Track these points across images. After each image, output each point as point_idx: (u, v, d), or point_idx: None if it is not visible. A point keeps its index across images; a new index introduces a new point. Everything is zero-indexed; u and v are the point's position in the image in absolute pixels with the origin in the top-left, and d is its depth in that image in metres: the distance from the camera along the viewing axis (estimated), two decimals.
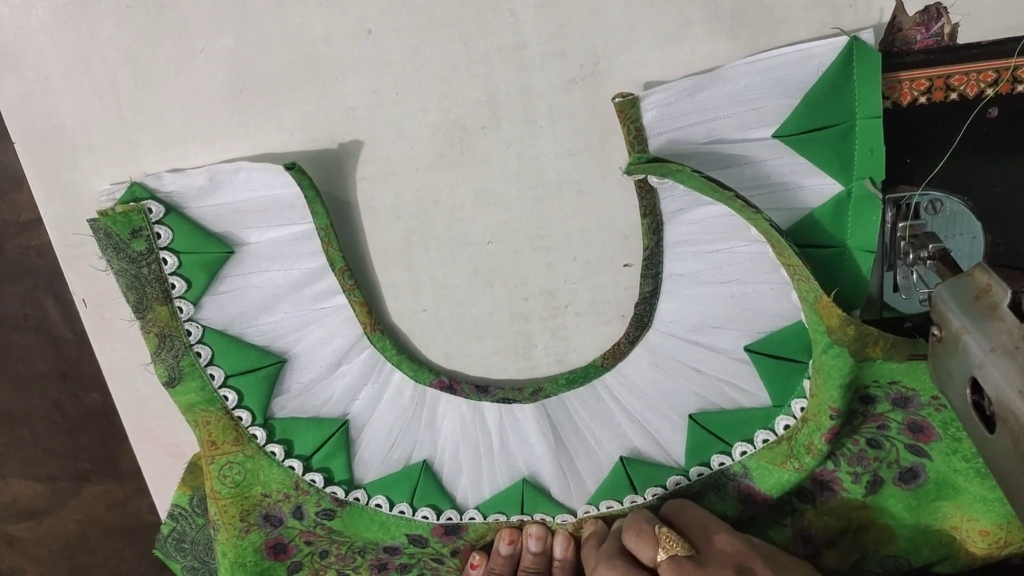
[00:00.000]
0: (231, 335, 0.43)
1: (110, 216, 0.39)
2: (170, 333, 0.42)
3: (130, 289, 0.41)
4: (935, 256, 0.37)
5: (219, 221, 0.41)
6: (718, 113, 0.37)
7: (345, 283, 0.41)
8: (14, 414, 0.53)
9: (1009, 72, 0.37)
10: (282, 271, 0.42)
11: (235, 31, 0.39)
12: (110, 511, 0.56)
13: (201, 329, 0.42)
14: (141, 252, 0.40)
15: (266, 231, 0.41)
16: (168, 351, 0.42)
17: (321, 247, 0.41)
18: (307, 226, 0.41)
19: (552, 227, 0.42)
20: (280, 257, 0.42)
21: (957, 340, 0.32)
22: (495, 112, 0.40)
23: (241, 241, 0.42)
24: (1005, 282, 0.31)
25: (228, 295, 0.42)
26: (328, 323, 0.43)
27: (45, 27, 0.39)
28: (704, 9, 0.37)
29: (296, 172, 0.38)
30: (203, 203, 0.41)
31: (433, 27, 0.39)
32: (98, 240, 0.40)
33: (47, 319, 0.50)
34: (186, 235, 0.41)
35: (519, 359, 0.45)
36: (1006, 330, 0.30)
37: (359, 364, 0.43)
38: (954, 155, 0.38)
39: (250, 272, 0.42)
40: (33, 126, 0.41)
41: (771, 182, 0.38)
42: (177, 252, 0.41)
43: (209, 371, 0.43)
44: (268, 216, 0.41)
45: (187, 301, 0.42)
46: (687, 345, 0.42)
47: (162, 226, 0.40)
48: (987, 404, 0.31)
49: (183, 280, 0.41)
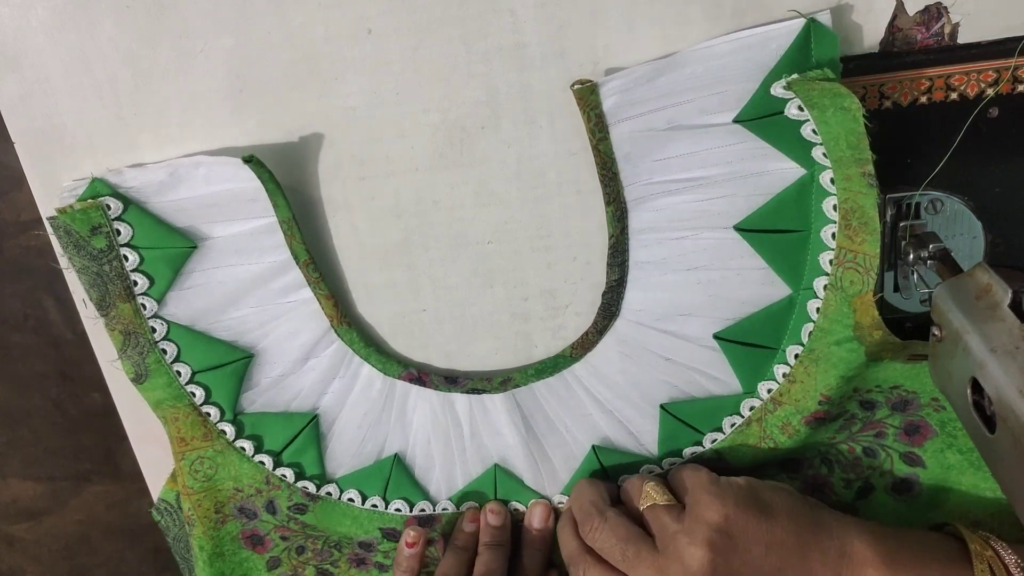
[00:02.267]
0: (198, 330, 0.43)
1: (69, 214, 0.39)
2: (134, 330, 0.42)
3: (92, 287, 0.41)
4: (935, 256, 0.37)
5: (181, 216, 0.41)
6: (679, 99, 0.37)
7: (310, 276, 0.41)
8: (14, 414, 0.53)
9: (1009, 72, 0.37)
10: (247, 265, 0.42)
11: (235, 31, 0.39)
12: (110, 511, 0.56)
13: (166, 325, 0.42)
14: (101, 249, 0.40)
15: (229, 225, 0.41)
16: (133, 348, 0.42)
17: (285, 240, 0.41)
18: (270, 220, 0.40)
19: (552, 227, 0.42)
20: (244, 251, 0.41)
21: (958, 340, 0.32)
22: (495, 112, 0.40)
23: (204, 236, 0.41)
24: (1005, 282, 0.31)
25: (193, 290, 0.42)
26: (295, 317, 0.43)
27: (45, 27, 0.39)
28: (704, 9, 0.37)
29: (255, 165, 0.38)
30: (165, 198, 0.41)
31: (433, 27, 0.39)
32: (59, 238, 0.40)
33: (47, 319, 0.50)
34: (148, 231, 0.40)
35: (519, 359, 0.45)
36: (1006, 330, 0.30)
37: (327, 357, 0.43)
38: (954, 155, 0.38)
39: (215, 267, 0.42)
40: (33, 126, 0.41)
41: (733, 167, 0.38)
42: (139, 248, 0.41)
43: (176, 367, 0.43)
44: (230, 210, 0.41)
45: (150, 298, 0.41)
46: (656, 333, 0.41)
47: (121, 223, 0.40)
48: (988, 404, 0.31)
49: (145, 277, 0.41)
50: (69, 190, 0.40)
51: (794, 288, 0.39)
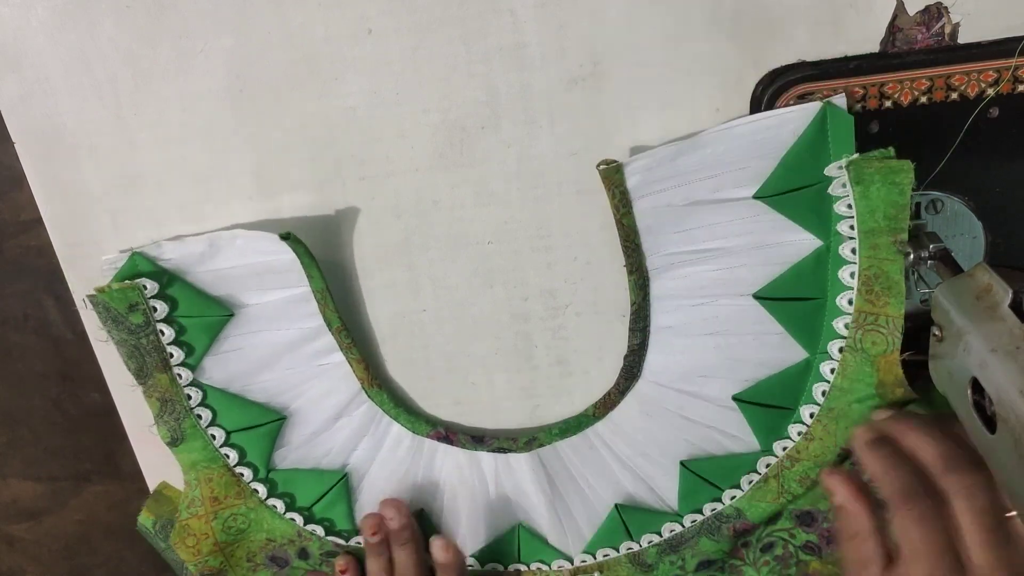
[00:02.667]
0: (232, 392, 0.44)
1: (107, 293, 0.41)
2: (171, 398, 0.43)
3: (130, 358, 0.42)
4: (936, 256, 0.37)
5: (219, 284, 0.42)
6: (699, 176, 0.39)
7: (342, 342, 0.42)
8: (14, 414, 0.53)
9: (1010, 72, 0.37)
10: (281, 331, 0.43)
11: (235, 31, 0.39)
12: (110, 511, 0.56)
13: (202, 392, 0.44)
14: (139, 324, 0.41)
15: (264, 293, 0.42)
16: (170, 414, 0.43)
17: (318, 309, 0.42)
18: (303, 289, 0.42)
19: (552, 227, 0.42)
20: (279, 318, 0.43)
21: (958, 340, 0.32)
22: (495, 112, 0.40)
23: (241, 303, 0.43)
24: (1006, 282, 0.31)
25: (229, 354, 0.43)
26: (327, 378, 0.44)
27: (45, 27, 0.39)
28: (704, 9, 0.37)
29: (292, 241, 0.39)
30: (203, 267, 0.42)
31: (433, 27, 0.39)
32: (97, 313, 0.41)
33: (47, 319, 0.50)
34: (186, 300, 0.42)
35: (519, 359, 0.45)
36: (1007, 330, 0.30)
37: (358, 417, 0.44)
38: (955, 155, 0.38)
39: (250, 332, 0.43)
40: (33, 126, 0.41)
41: (752, 238, 0.39)
42: (176, 321, 0.42)
43: (210, 431, 0.44)
44: (266, 280, 0.42)
45: (186, 368, 0.43)
46: (676, 394, 0.43)
47: (158, 300, 0.41)
48: (988, 404, 0.31)
49: (181, 348, 0.42)
50: (110, 264, 0.41)
51: (810, 352, 0.40)
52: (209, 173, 0.42)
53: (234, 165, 0.42)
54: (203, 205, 0.42)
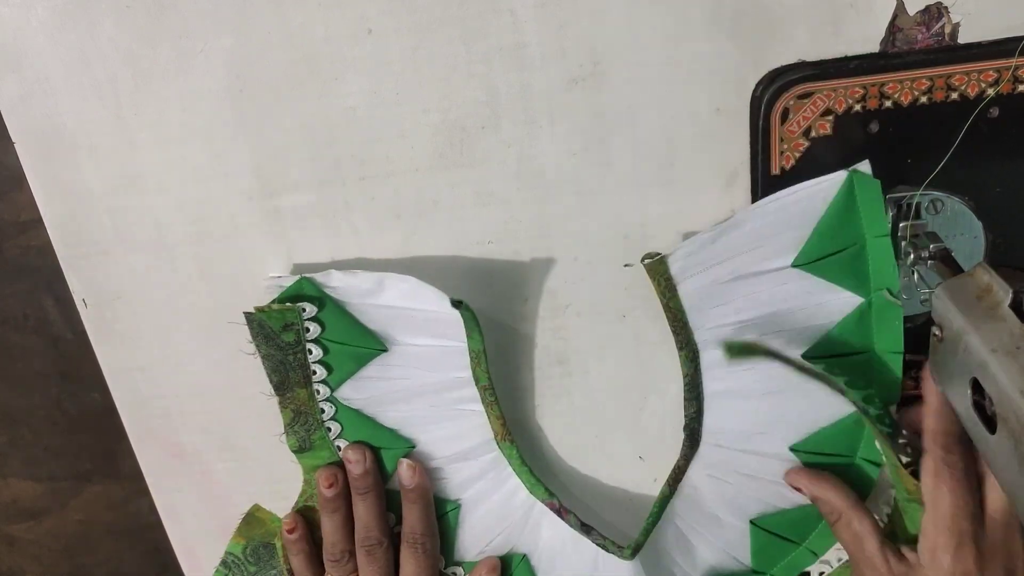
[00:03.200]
0: (366, 415, 0.44)
1: (267, 312, 0.41)
2: (306, 410, 0.44)
3: (274, 371, 0.43)
4: (936, 256, 0.37)
5: (377, 319, 0.42)
6: (738, 251, 0.40)
7: (486, 399, 0.43)
8: (14, 414, 0.53)
9: (1010, 72, 0.37)
10: (430, 374, 0.43)
11: (235, 31, 0.39)
12: (110, 511, 0.56)
13: (335, 407, 0.44)
14: (289, 343, 0.42)
15: (421, 337, 0.43)
16: (301, 425, 0.44)
17: (470, 365, 0.42)
18: (460, 344, 0.42)
19: (552, 227, 0.42)
20: (429, 362, 0.43)
21: (958, 340, 0.32)
22: (495, 112, 0.40)
23: (395, 340, 0.43)
24: (1006, 282, 0.31)
25: (371, 381, 0.44)
26: (462, 424, 0.44)
27: (45, 27, 0.39)
28: (704, 9, 0.37)
29: (463, 309, 0.40)
30: (365, 301, 0.42)
31: (433, 27, 0.39)
32: (251, 328, 0.42)
33: (47, 319, 0.50)
34: (341, 327, 0.42)
35: (519, 359, 0.45)
36: (1007, 330, 0.30)
37: (482, 462, 0.45)
38: (955, 155, 0.38)
39: (398, 366, 0.43)
40: (33, 126, 0.41)
41: (793, 302, 0.41)
42: (325, 343, 0.42)
43: (337, 443, 0.45)
44: (426, 327, 0.42)
45: (326, 385, 0.43)
46: (737, 454, 0.44)
47: (314, 322, 0.42)
48: (988, 404, 0.31)
49: (325, 368, 0.43)
50: (275, 283, 0.42)
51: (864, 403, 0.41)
52: (209, 173, 0.42)
53: (234, 165, 0.42)
54: (203, 205, 0.42)
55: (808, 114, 0.39)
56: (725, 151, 0.40)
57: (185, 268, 0.44)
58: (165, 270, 0.44)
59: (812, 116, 0.39)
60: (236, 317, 0.43)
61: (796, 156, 0.40)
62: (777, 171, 0.40)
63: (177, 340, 0.45)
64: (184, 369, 0.46)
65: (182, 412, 0.47)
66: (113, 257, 0.44)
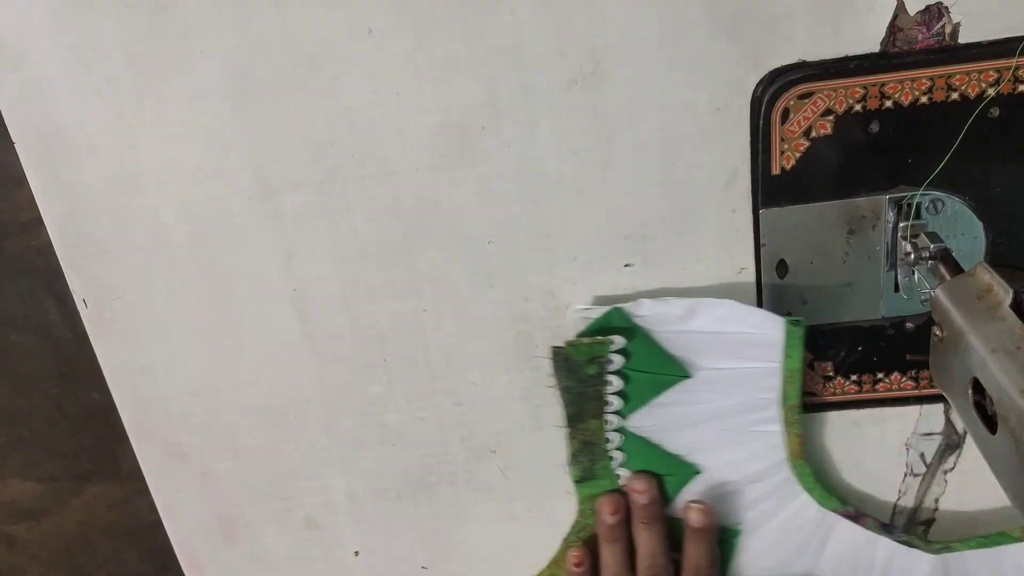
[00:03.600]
0: (652, 441, 0.44)
1: (576, 346, 0.41)
2: (594, 441, 0.43)
3: (571, 404, 0.43)
4: (936, 256, 0.37)
5: (683, 345, 0.42)
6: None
7: (790, 417, 0.42)
8: (14, 414, 0.53)
9: (1010, 72, 0.37)
10: (728, 397, 0.43)
11: (235, 31, 0.39)
12: (110, 511, 0.56)
13: (622, 437, 0.44)
14: (591, 375, 0.42)
15: (727, 360, 0.42)
16: (587, 455, 0.44)
17: (781, 384, 0.41)
18: (770, 365, 0.41)
19: (552, 227, 0.42)
20: (731, 385, 0.42)
21: (958, 340, 0.32)
22: (495, 112, 0.40)
23: (700, 366, 0.42)
24: (1007, 282, 0.31)
25: (664, 408, 0.43)
26: (754, 445, 0.43)
27: (45, 27, 0.39)
28: (704, 9, 0.37)
29: (795, 326, 0.39)
30: (672, 328, 0.42)
31: (433, 27, 0.39)
32: (555, 363, 0.42)
33: (47, 319, 0.50)
34: (645, 356, 0.42)
35: (519, 359, 0.45)
36: (1007, 330, 0.30)
37: (770, 483, 0.44)
38: (955, 155, 0.38)
39: (697, 391, 0.43)
40: (33, 126, 0.41)
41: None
42: (626, 374, 0.42)
43: (619, 471, 0.44)
44: (736, 349, 0.41)
45: (617, 416, 0.43)
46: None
47: (616, 354, 0.41)
48: (989, 404, 0.31)
49: (621, 398, 0.43)
50: (582, 313, 0.42)
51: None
52: (209, 173, 0.42)
53: (234, 165, 0.41)
54: (203, 205, 0.42)
55: (808, 114, 0.39)
56: (725, 151, 0.40)
57: (185, 268, 0.44)
58: (165, 270, 0.44)
59: (812, 116, 0.39)
60: (236, 316, 0.43)
61: (796, 156, 0.40)
62: (777, 171, 0.40)
63: (177, 340, 0.45)
64: (184, 369, 0.46)
65: (182, 412, 0.47)
66: (113, 257, 0.44)
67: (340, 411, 0.47)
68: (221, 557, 0.50)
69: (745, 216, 0.41)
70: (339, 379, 0.46)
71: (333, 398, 0.46)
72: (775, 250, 0.42)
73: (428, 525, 0.49)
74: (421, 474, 0.48)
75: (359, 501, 0.49)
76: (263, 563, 0.51)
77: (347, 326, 0.44)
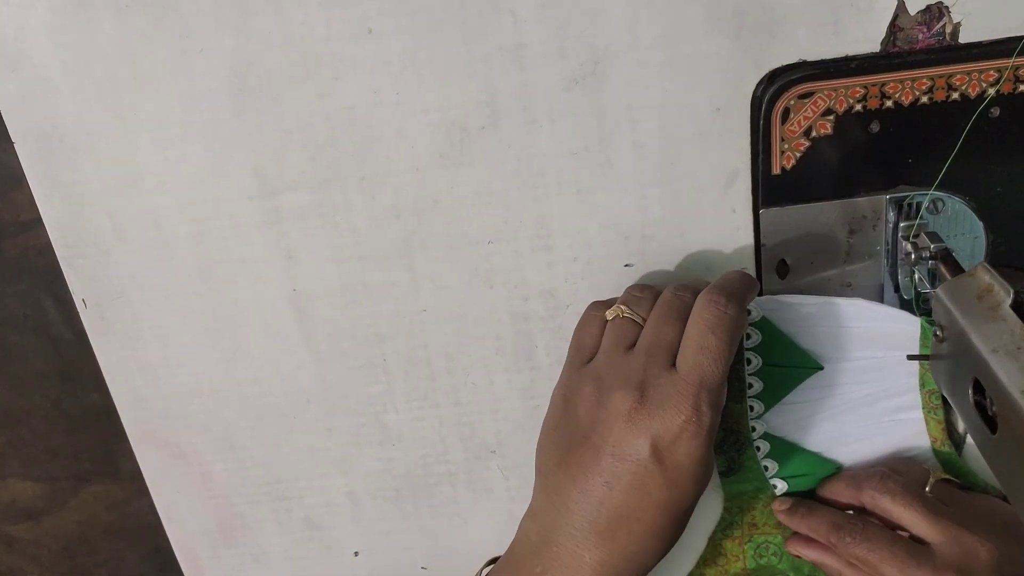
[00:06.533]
0: (789, 441, 0.43)
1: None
2: (737, 428, 0.43)
3: None
4: (937, 256, 0.37)
5: (816, 341, 0.41)
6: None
7: (929, 403, 0.41)
8: (14, 414, 0.53)
9: (1011, 72, 0.37)
10: (864, 386, 0.42)
11: (235, 31, 0.39)
12: (110, 511, 0.56)
13: (764, 425, 0.43)
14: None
15: (860, 351, 0.41)
16: (732, 445, 0.43)
17: (919, 369, 0.41)
18: (905, 354, 0.41)
19: (552, 227, 0.42)
20: (867, 374, 0.42)
21: (959, 340, 0.32)
22: (495, 112, 0.40)
23: (832, 358, 0.42)
24: (1007, 282, 0.31)
25: (798, 405, 0.43)
26: (895, 435, 0.42)
27: (45, 27, 0.39)
28: (704, 9, 0.37)
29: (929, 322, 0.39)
30: (805, 325, 0.41)
31: (433, 27, 0.39)
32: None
33: (47, 319, 0.50)
34: (780, 350, 0.41)
35: (519, 359, 0.45)
36: (1008, 330, 0.30)
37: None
38: (956, 155, 0.38)
39: (832, 385, 0.42)
40: (33, 126, 0.41)
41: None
42: (762, 355, 0.41)
43: (764, 463, 0.44)
44: (869, 340, 0.41)
45: (759, 401, 0.42)
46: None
47: (754, 329, 0.41)
48: (989, 404, 0.31)
49: (761, 381, 0.42)
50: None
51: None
52: (209, 173, 0.42)
53: (234, 165, 0.41)
54: (203, 205, 0.42)
55: (809, 114, 0.39)
56: (725, 151, 0.40)
57: (185, 268, 0.44)
58: (165, 270, 0.44)
59: (813, 116, 0.39)
60: (236, 316, 0.42)
61: (797, 156, 0.40)
62: (778, 171, 0.40)
63: (177, 340, 0.45)
64: (184, 369, 0.46)
65: (182, 412, 0.47)
66: (113, 257, 0.44)
67: (340, 411, 0.47)
68: (221, 557, 0.50)
69: (745, 216, 0.41)
70: (338, 379, 0.46)
71: (332, 398, 0.46)
72: (775, 250, 0.42)
73: (428, 525, 0.49)
74: (421, 474, 0.48)
75: (359, 501, 0.49)
76: (263, 563, 0.51)
77: (346, 326, 0.44)
